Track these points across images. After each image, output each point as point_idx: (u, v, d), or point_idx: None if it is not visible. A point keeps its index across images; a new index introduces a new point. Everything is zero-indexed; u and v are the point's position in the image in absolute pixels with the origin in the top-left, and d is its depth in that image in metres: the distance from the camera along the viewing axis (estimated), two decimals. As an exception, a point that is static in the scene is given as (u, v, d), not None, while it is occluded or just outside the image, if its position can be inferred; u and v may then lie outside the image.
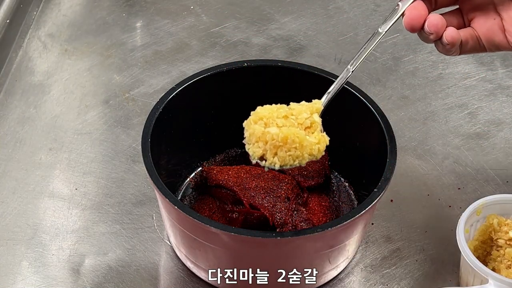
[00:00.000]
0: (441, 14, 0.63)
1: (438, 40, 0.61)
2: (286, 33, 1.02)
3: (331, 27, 1.03)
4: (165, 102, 0.69)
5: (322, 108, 0.64)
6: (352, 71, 0.65)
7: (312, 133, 0.63)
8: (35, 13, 1.04)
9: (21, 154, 0.83)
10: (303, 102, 0.64)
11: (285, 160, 0.61)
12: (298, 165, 0.61)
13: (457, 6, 0.65)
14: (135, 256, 0.72)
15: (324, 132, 0.64)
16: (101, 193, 0.79)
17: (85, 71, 0.95)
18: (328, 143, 0.63)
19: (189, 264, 0.70)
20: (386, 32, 0.63)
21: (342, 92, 0.71)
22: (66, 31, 1.02)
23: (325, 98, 0.65)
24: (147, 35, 1.01)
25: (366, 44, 0.64)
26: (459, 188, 0.80)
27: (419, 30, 0.61)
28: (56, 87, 0.92)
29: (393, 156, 0.65)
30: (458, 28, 0.63)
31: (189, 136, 0.75)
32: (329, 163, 0.77)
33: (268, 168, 0.61)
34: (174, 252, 0.72)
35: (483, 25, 0.62)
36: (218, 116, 0.76)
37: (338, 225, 0.59)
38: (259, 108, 0.63)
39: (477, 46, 0.63)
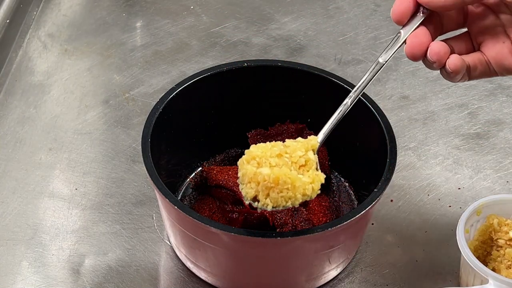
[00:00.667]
0: (449, 38, 0.61)
1: (442, 68, 0.59)
2: (286, 33, 1.02)
3: (331, 27, 1.03)
4: (165, 102, 0.69)
5: (318, 144, 0.61)
6: (351, 105, 0.62)
7: (307, 171, 0.60)
8: (35, 13, 1.04)
9: (21, 154, 0.83)
10: (299, 138, 0.61)
11: (277, 201, 0.58)
12: (291, 206, 0.59)
13: (466, 29, 0.62)
14: (135, 256, 0.72)
15: (319, 170, 0.61)
16: (101, 193, 0.79)
17: (85, 71, 0.95)
18: (323, 181, 0.60)
19: (189, 264, 0.70)
20: (387, 62, 0.61)
21: (342, 92, 0.71)
22: (66, 31, 1.02)
23: (322, 136, 0.62)
24: (147, 35, 1.01)
25: (368, 73, 0.61)
26: (459, 188, 0.80)
27: (421, 58, 0.59)
28: (56, 87, 0.92)
29: (393, 156, 0.65)
30: (467, 52, 0.60)
31: (189, 136, 0.75)
32: (329, 163, 0.77)
33: (261, 209, 0.59)
34: (174, 252, 0.72)
35: (492, 49, 0.59)
36: (218, 116, 0.76)
37: (338, 225, 0.59)
38: (252, 147, 0.59)
39: (487, 71, 0.60)
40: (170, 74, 0.94)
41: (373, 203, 0.61)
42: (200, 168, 0.79)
